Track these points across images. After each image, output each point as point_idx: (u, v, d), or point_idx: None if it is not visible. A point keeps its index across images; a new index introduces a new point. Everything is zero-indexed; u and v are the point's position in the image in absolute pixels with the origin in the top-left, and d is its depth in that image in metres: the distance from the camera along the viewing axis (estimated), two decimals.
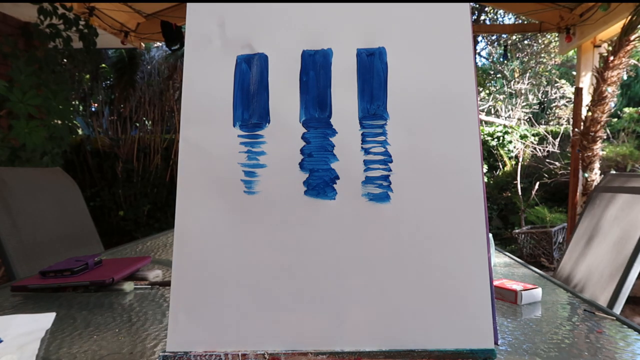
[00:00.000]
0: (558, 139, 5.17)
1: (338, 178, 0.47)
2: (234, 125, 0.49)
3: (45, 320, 0.68)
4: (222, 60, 0.50)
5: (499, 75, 7.22)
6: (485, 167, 5.28)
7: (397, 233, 0.46)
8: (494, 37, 7.13)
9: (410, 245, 0.45)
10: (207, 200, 0.47)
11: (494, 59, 7.52)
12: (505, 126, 5.55)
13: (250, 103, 0.49)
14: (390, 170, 0.46)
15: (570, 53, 5.42)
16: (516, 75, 6.97)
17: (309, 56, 0.49)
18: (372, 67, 0.48)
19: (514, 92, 6.82)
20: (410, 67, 0.48)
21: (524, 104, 6.68)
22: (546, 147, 5.19)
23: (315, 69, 0.49)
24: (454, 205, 0.45)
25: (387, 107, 0.47)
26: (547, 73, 6.94)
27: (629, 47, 2.88)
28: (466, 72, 0.47)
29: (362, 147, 0.47)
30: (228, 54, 0.50)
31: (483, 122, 5.84)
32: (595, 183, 3.09)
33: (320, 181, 0.47)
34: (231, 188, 0.47)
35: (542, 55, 6.87)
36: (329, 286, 0.45)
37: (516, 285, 0.80)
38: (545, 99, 6.90)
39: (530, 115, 6.55)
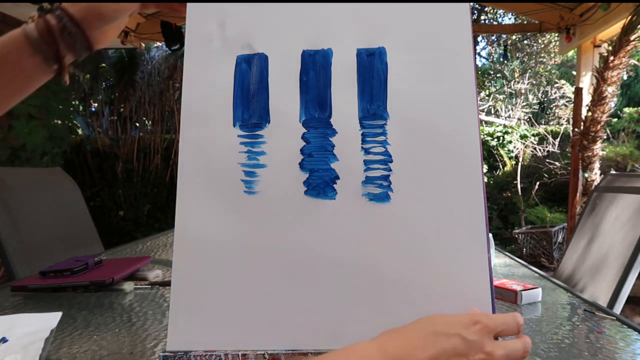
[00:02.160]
0: (558, 139, 5.17)
1: (338, 178, 0.47)
2: (234, 125, 0.49)
3: (50, 319, 0.68)
4: (222, 60, 0.50)
5: (499, 75, 7.22)
6: (485, 167, 5.28)
7: (397, 233, 0.46)
8: (494, 37, 7.13)
9: (410, 245, 0.45)
10: (207, 200, 0.47)
11: (494, 59, 7.52)
12: (505, 126, 5.55)
13: (250, 103, 0.49)
14: (390, 170, 0.46)
15: (570, 53, 5.42)
16: (516, 75, 6.97)
17: (309, 56, 0.49)
18: (372, 67, 0.48)
19: (514, 92, 6.82)
20: (410, 67, 0.48)
21: (524, 104, 6.68)
22: (546, 147, 5.19)
23: (315, 69, 0.49)
24: (454, 205, 0.45)
25: (387, 107, 0.47)
26: (547, 73, 6.94)
27: (629, 47, 2.88)
28: (466, 71, 0.47)
29: (362, 147, 0.47)
30: (228, 54, 0.50)
31: (483, 122, 5.84)
32: (595, 183, 3.09)
33: (320, 181, 0.47)
34: (231, 188, 0.47)
35: (542, 55, 6.87)
36: (328, 286, 0.45)
37: (516, 285, 0.80)
38: (545, 99, 6.90)
39: (530, 115, 6.55)
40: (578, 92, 3.45)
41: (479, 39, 7.00)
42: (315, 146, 0.47)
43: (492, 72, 7.32)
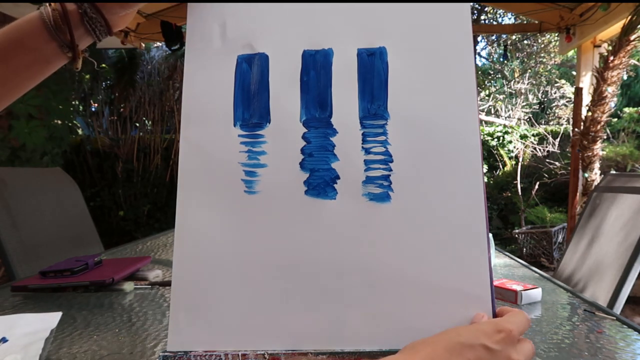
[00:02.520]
0: (558, 139, 5.17)
1: (339, 178, 0.47)
2: (235, 125, 0.49)
3: (50, 319, 0.69)
4: (223, 60, 0.50)
5: (498, 75, 7.22)
6: (485, 167, 5.28)
7: (397, 233, 0.46)
8: (494, 37, 7.13)
9: (410, 245, 0.45)
10: (208, 200, 0.47)
11: (494, 59, 7.52)
12: (505, 126, 5.55)
13: (251, 103, 0.49)
14: (390, 170, 0.46)
15: (570, 53, 5.42)
16: (516, 75, 6.97)
17: (309, 56, 0.49)
18: (372, 67, 0.48)
19: (514, 92, 6.82)
20: (411, 67, 0.48)
21: (524, 104, 6.67)
22: (546, 147, 5.18)
23: (315, 68, 0.48)
24: (454, 204, 0.45)
25: (388, 106, 0.47)
26: (547, 73, 6.94)
27: (629, 47, 2.87)
28: (466, 71, 0.47)
29: (362, 147, 0.47)
30: (229, 54, 0.50)
31: (483, 122, 5.84)
32: (595, 183, 3.09)
33: (320, 181, 0.47)
34: (231, 188, 0.47)
35: (542, 55, 6.87)
36: (329, 286, 0.45)
37: (516, 285, 0.80)
38: (545, 99, 6.90)
39: (530, 115, 6.55)
40: (578, 92, 3.45)
41: (479, 39, 7.00)
42: (315, 146, 0.47)
43: (492, 72, 7.31)
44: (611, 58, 2.92)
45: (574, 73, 5.20)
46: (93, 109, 5.01)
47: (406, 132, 0.47)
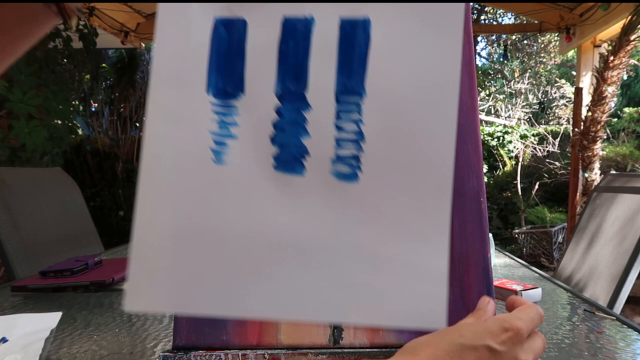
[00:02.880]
0: (558, 139, 5.17)
1: (308, 154, 0.46)
2: (207, 92, 0.46)
3: (50, 319, 0.69)
4: (199, 21, 0.47)
5: (498, 75, 7.22)
6: (485, 167, 5.28)
7: (363, 213, 0.45)
8: (494, 37, 7.13)
9: (374, 227, 0.45)
10: (174, 165, 0.46)
11: (494, 59, 7.52)
12: (505, 126, 5.55)
13: (225, 70, 0.47)
14: (361, 149, 0.45)
15: (570, 53, 5.42)
16: (516, 75, 6.97)
17: (289, 23, 0.46)
18: (354, 39, 0.46)
19: (514, 92, 6.82)
20: (395, 44, 0.46)
21: (524, 103, 6.68)
22: (546, 147, 5.19)
23: (295, 38, 0.46)
24: (420, 190, 0.44)
25: (365, 84, 0.45)
26: (547, 73, 6.94)
27: (629, 47, 2.87)
28: (452, 59, 0.45)
29: (335, 124, 0.46)
30: (205, 15, 0.47)
31: (483, 122, 5.84)
32: (595, 183, 3.09)
33: (290, 156, 0.46)
34: (200, 156, 0.46)
35: (542, 55, 6.87)
36: (290, 259, 0.45)
37: (516, 285, 0.80)
38: (545, 99, 6.90)
39: (530, 115, 6.55)
40: (578, 92, 3.45)
41: (479, 39, 7.00)
42: (288, 120, 0.46)
43: (492, 72, 7.32)
44: (611, 58, 2.92)
45: (574, 73, 5.20)
46: (93, 109, 5.01)
47: (381, 112, 0.45)
